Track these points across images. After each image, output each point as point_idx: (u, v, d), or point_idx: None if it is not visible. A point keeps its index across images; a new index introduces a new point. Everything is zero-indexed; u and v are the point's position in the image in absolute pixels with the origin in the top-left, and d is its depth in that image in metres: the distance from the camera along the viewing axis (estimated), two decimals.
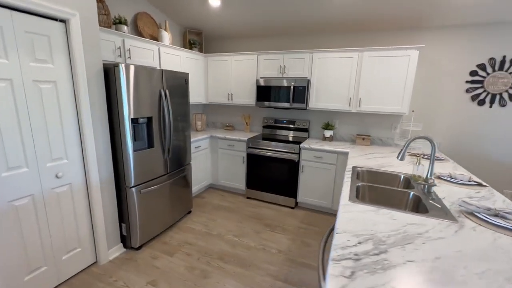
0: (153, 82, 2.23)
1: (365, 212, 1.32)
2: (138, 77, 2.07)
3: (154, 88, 2.24)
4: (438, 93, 2.90)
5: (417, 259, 0.94)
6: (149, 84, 2.18)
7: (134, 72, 2.03)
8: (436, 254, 0.97)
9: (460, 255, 0.97)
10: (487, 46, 2.65)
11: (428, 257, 0.95)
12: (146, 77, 2.14)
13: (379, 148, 2.96)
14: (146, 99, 2.17)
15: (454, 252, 0.99)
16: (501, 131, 2.74)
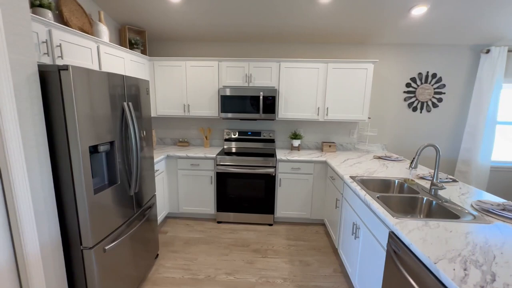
0: (113, 94, 1.61)
1: (421, 228, 1.27)
2: (94, 86, 1.44)
3: (115, 101, 1.62)
4: (385, 101, 3.34)
5: None
6: (108, 96, 1.56)
7: (89, 79, 1.39)
8: None
9: None
10: (417, 63, 3.23)
11: None
12: (104, 86, 1.52)
13: (346, 154, 3.15)
14: (106, 118, 1.54)
15: None
16: (428, 131, 3.39)
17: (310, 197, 2.94)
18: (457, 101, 3.30)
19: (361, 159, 2.86)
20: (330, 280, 2.11)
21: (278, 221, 3.11)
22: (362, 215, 1.75)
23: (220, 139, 3.53)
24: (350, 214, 2.00)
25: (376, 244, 1.52)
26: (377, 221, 1.52)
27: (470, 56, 3.18)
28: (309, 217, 3.01)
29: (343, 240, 2.20)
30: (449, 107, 3.31)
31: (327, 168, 2.86)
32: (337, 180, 2.40)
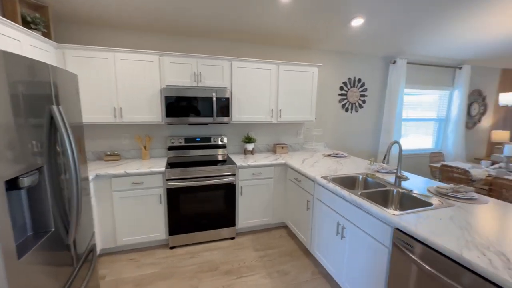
0: (36, 92, 1.03)
1: (419, 220, 1.36)
2: (4, 80, 0.86)
3: (38, 104, 1.04)
4: (325, 103, 3.62)
5: None
6: (29, 95, 0.98)
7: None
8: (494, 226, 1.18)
9: (483, 215, 1.25)
10: (348, 68, 3.65)
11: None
12: (23, 79, 0.94)
13: (299, 154, 3.23)
14: (26, 130, 0.96)
15: (487, 218, 1.25)
16: (357, 129, 3.90)
17: (271, 201, 2.86)
18: (375, 103, 3.93)
19: (315, 158, 2.99)
20: (313, 285, 2.07)
21: (240, 232, 2.88)
22: (348, 214, 1.78)
23: (162, 149, 2.98)
24: (330, 215, 2.01)
25: (373, 242, 1.56)
26: (372, 219, 1.55)
27: (382, 65, 3.85)
28: (270, 222, 2.92)
29: (319, 241, 2.20)
30: (371, 108, 3.91)
31: (286, 170, 2.84)
32: (305, 182, 2.40)
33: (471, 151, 4.91)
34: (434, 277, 1.18)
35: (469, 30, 3.09)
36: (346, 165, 2.65)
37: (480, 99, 4.73)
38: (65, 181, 1.22)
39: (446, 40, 3.37)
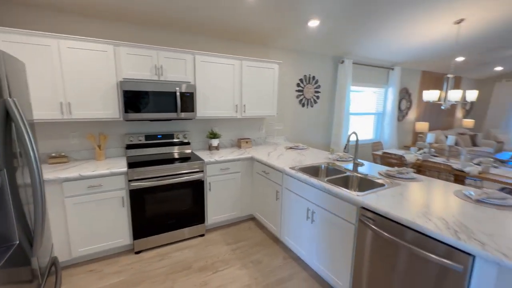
0: None
1: (379, 198, 1.60)
2: None
3: None
4: (284, 99, 3.81)
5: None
6: None
7: None
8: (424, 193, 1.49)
9: (421, 190, 1.57)
10: (303, 66, 3.89)
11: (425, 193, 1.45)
12: None
13: (263, 148, 3.34)
14: None
15: (423, 192, 1.57)
16: (312, 123, 4.22)
17: (239, 195, 2.91)
18: (328, 99, 4.30)
19: (279, 151, 3.14)
20: (286, 268, 2.21)
21: (210, 229, 2.86)
22: (317, 200, 1.95)
23: (119, 147, 2.74)
24: (299, 202, 2.17)
25: (341, 222, 1.75)
26: (340, 201, 1.75)
27: (332, 64, 4.22)
28: (239, 216, 2.97)
29: (289, 228, 2.35)
30: (324, 103, 4.27)
31: (253, 164, 2.92)
32: (273, 173, 2.52)
33: (401, 140, 5.79)
34: (390, 241, 1.41)
35: (399, 37, 3.62)
36: (307, 156, 2.86)
37: (407, 96, 5.59)
38: (24, 186, 1.06)
39: (382, 45, 3.89)
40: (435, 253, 1.21)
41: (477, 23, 3.34)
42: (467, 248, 1.09)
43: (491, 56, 5.07)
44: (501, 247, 1.06)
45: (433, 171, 3.20)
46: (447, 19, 3.15)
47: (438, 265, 1.21)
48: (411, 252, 1.32)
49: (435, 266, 1.22)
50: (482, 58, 5.12)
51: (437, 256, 1.20)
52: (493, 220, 1.31)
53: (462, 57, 4.91)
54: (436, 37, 3.69)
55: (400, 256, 1.38)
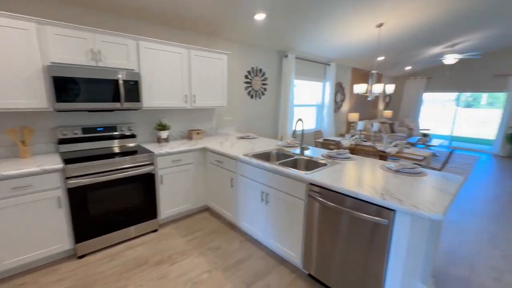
0: None
1: (325, 175, 1.83)
2: None
3: None
4: (233, 90, 3.86)
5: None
6: None
7: None
8: (356, 170, 1.80)
9: (355, 166, 1.90)
10: (251, 58, 4.00)
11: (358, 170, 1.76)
12: None
13: (215, 138, 3.34)
14: None
15: (357, 167, 1.89)
16: (261, 113, 4.40)
17: (193, 186, 2.88)
18: (274, 91, 4.54)
19: (231, 141, 3.21)
20: (243, 250, 2.32)
21: (163, 223, 2.77)
22: (271, 182, 2.10)
23: (49, 143, 2.39)
24: (254, 186, 2.29)
25: (292, 199, 1.94)
26: (291, 181, 1.92)
27: (277, 58, 4.45)
28: (194, 207, 2.95)
29: (244, 213, 2.46)
30: (271, 95, 4.49)
31: (206, 154, 2.92)
32: (227, 162, 2.58)
33: (338, 129, 6.51)
34: (334, 209, 1.64)
35: (333, 36, 4.06)
36: (258, 144, 3.00)
37: (341, 89, 6.29)
38: None
39: (320, 42, 4.29)
40: (368, 213, 1.48)
41: (393, 28, 3.98)
42: (390, 205, 1.36)
43: (403, 57, 6.10)
44: (413, 202, 1.36)
45: (363, 153, 3.74)
46: (370, 23, 3.67)
47: (371, 223, 1.48)
48: (350, 215, 1.57)
49: (369, 224, 1.49)
50: (396, 58, 6.11)
51: (370, 215, 1.46)
52: (407, 184, 1.65)
53: (383, 56, 5.77)
54: (363, 38, 4.26)
55: (342, 220, 1.63)
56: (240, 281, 1.94)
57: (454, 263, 2.20)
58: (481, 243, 2.53)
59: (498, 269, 2.14)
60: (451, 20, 3.97)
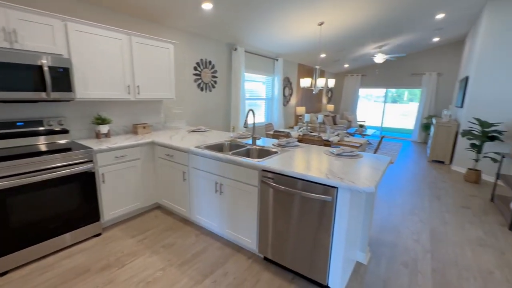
0: None
1: (276, 161, 1.92)
2: None
3: None
4: (182, 82, 3.70)
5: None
6: None
7: None
8: (306, 153, 1.97)
9: (304, 153, 2.07)
10: (200, 50, 3.88)
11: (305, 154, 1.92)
12: None
13: (164, 132, 3.17)
14: None
15: (304, 154, 2.06)
16: (212, 106, 4.33)
17: (141, 184, 2.69)
18: (225, 84, 4.50)
19: (181, 134, 3.09)
20: (199, 244, 2.28)
21: (108, 226, 2.52)
22: (224, 172, 2.11)
23: None
24: (207, 178, 2.26)
25: (246, 187, 1.98)
26: (244, 169, 1.96)
27: (227, 51, 4.42)
28: (143, 206, 2.76)
29: (199, 206, 2.42)
30: (221, 88, 4.44)
31: (154, 149, 2.75)
32: (178, 155, 2.48)
33: (287, 121, 6.84)
34: (286, 192, 1.75)
35: (280, 32, 4.22)
36: (211, 137, 2.96)
37: (289, 84, 6.60)
38: None
39: (268, 37, 4.42)
40: (316, 193, 1.61)
41: (333, 27, 4.34)
42: (333, 183, 1.51)
43: (342, 55, 6.71)
44: (351, 179, 1.54)
45: (310, 142, 4.02)
46: (313, 21, 3.93)
47: (318, 201, 1.61)
48: (301, 196, 1.69)
49: (317, 202, 1.63)
50: (336, 56, 6.69)
51: (317, 194, 1.60)
52: (347, 165, 1.85)
53: (324, 54, 6.25)
54: (307, 35, 4.53)
55: (294, 202, 1.74)
56: (197, 273, 1.91)
57: (384, 231, 2.57)
58: (404, 213, 3.00)
59: (417, 232, 2.57)
60: (381, 24, 4.53)
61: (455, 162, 4.99)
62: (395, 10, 3.99)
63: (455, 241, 2.43)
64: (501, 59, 4.10)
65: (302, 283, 1.82)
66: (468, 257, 2.20)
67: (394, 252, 2.24)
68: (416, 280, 1.90)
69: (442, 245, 2.36)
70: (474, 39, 4.95)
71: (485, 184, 4.14)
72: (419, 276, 1.95)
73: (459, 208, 3.19)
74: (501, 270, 2.04)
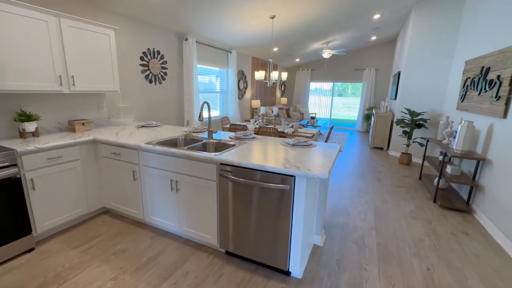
0: None
1: (233, 154, 1.89)
2: None
3: None
4: (127, 73, 3.36)
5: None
6: None
7: None
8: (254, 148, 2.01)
9: (261, 145, 2.11)
10: (146, 38, 3.57)
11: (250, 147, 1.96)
12: None
13: (108, 129, 2.85)
14: None
15: (262, 145, 2.09)
16: (163, 99, 4.06)
17: (83, 187, 2.39)
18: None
19: (129, 130, 2.82)
20: (155, 246, 2.14)
21: (43, 239, 2.18)
22: (179, 169, 2.00)
23: None
24: (161, 175, 2.11)
25: (204, 182, 1.91)
26: (201, 164, 1.89)
27: (177, 41, 4.17)
28: (87, 212, 2.47)
29: (152, 206, 2.26)
30: (173, 80, 4.19)
31: (97, 147, 2.46)
32: (126, 153, 2.26)
33: (243, 115, 6.84)
34: (245, 184, 1.74)
35: (233, 23, 4.15)
36: (163, 132, 2.78)
37: (243, 77, 6.58)
38: None
39: (221, 28, 4.30)
40: (274, 183, 1.64)
41: (283, 21, 4.43)
42: (290, 172, 1.56)
43: (293, 49, 6.94)
44: (307, 167, 1.60)
45: (266, 134, 4.10)
46: (265, 14, 3.95)
47: (277, 190, 1.65)
48: (260, 187, 1.70)
49: (276, 192, 1.66)
50: (288, 50, 6.89)
51: (275, 184, 1.63)
52: (302, 154, 1.92)
53: (277, 47, 6.38)
54: (260, 27, 4.55)
55: (253, 193, 1.74)
56: (154, 277, 1.79)
57: (336, 214, 2.78)
58: (353, 196, 3.29)
59: (363, 212, 2.85)
60: (326, 21, 4.79)
61: (391, 147, 5.66)
62: (337, 10, 4.26)
63: (393, 217, 2.77)
64: (426, 56, 4.74)
65: (265, 272, 1.86)
66: (404, 229, 2.53)
67: (345, 232, 2.44)
68: (364, 254, 2.11)
69: (384, 222, 2.66)
70: (404, 38, 5.63)
71: (414, 166, 4.80)
72: (367, 250, 2.17)
73: (396, 187, 3.64)
74: (429, 237, 2.40)
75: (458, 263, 2.04)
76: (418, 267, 1.97)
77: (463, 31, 4.09)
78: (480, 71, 3.14)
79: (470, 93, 3.41)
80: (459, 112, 3.81)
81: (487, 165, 2.77)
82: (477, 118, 3.16)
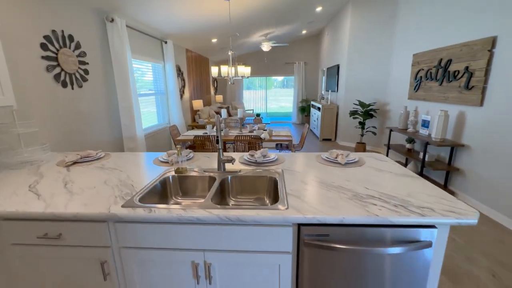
0: None
1: None
2: None
3: None
4: (23, 73, 1.92)
5: None
6: None
7: None
8: None
9: (306, 171, 1.49)
10: (48, 14, 2.14)
11: None
12: None
13: (14, 179, 1.49)
14: None
15: (308, 172, 1.48)
16: (88, 112, 2.67)
17: None
18: (102, 74, 2.89)
19: (54, 177, 1.56)
20: None
21: None
22: (213, 241, 1.11)
23: None
24: (174, 258, 1.15)
25: (268, 259, 1.12)
26: (261, 229, 1.08)
27: (98, 21, 2.80)
28: None
29: None
30: (98, 81, 2.82)
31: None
32: (80, 231, 1.14)
33: (186, 119, 5.70)
34: (346, 251, 1.08)
35: (169, 5, 3.12)
36: (125, 169, 1.67)
37: (180, 74, 5.43)
38: None
39: (157, 9, 3.18)
40: (406, 242, 1.04)
41: (242, 4, 3.69)
42: (431, 221, 1.00)
43: (233, 42, 6.21)
44: (441, 207, 1.09)
45: (244, 142, 3.36)
46: None
47: (412, 254, 1.06)
48: (386, 253, 1.07)
49: (407, 257, 1.07)
50: (228, 41, 6.13)
51: (409, 244, 1.03)
52: (382, 179, 1.39)
53: (216, 38, 5.52)
54: (213, 10, 3.65)
55: (367, 265, 1.09)
56: None
57: None
58: None
59: None
60: (277, 9, 4.33)
61: (339, 138, 5.89)
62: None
63: None
64: (366, 50, 5.00)
65: None
66: None
67: None
68: None
69: None
70: (339, 33, 5.85)
71: None
72: None
73: None
74: None
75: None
76: None
77: (402, 26, 4.44)
78: (439, 63, 3.40)
79: (427, 83, 3.70)
80: (412, 101, 4.14)
81: (464, 150, 3.01)
82: (442, 107, 3.43)
